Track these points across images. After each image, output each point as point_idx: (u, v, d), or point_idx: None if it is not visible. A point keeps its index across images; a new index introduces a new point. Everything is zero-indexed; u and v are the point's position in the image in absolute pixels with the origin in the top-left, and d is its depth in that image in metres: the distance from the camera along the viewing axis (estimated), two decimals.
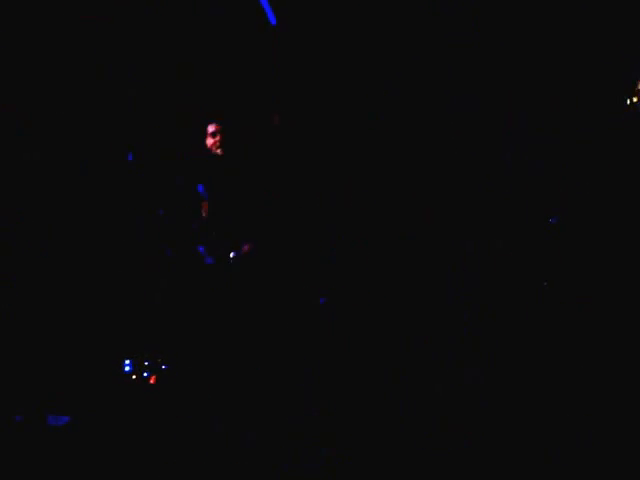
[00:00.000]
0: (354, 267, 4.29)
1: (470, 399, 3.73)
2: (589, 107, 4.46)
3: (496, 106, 4.57)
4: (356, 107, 4.55)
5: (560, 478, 3.35)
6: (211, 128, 4.29)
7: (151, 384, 3.93)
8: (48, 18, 4.08)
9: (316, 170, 4.46)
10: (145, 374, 3.93)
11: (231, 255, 4.08)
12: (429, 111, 4.53)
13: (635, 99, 4.25)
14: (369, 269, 4.27)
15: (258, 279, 4.11)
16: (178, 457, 3.79)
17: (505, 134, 4.49)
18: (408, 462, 3.39)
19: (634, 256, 4.03)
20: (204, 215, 4.19)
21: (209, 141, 4.28)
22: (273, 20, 4.50)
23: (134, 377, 3.91)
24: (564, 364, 3.88)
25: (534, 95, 4.59)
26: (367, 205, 4.43)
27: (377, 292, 4.21)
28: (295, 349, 4.00)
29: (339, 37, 4.57)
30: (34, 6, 4.00)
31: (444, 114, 4.53)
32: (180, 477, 3.73)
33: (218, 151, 4.24)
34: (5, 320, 3.76)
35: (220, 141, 4.27)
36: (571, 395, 3.71)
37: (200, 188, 4.14)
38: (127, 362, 3.91)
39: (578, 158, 4.44)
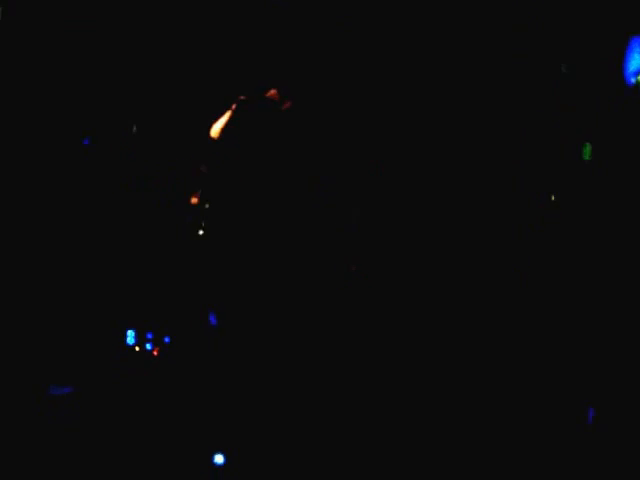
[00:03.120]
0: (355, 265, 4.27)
1: (470, 399, 3.69)
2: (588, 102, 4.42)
3: (496, 105, 4.54)
4: (366, 95, 4.52)
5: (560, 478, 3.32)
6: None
7: (154, 356, 3.93)
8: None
9: (318, 165, 4.44)
10: (148, 346, 3.94)
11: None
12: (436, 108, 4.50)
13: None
14: (369, 268, 4.26)
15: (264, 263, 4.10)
16: (180, 431, 3.80)
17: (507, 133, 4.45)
18: (408, 462, 3.37)
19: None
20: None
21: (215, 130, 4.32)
22: None
23: (137, 349, 3.92)
24: (563, 363, 3.83)
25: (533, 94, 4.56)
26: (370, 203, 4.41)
27: (377, 290, 4.19)
28: (297, 340, 3.98)
29: (350, 20, 4.53)
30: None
31: (445, 112, 4.49)
32: (182, 451, 3.74)
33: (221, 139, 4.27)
34: (7, 289, 3.78)
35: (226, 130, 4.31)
36: (571, 394, 3.66)
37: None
38: (130, 334, 3.92)
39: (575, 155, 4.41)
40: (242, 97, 4.34)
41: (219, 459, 3.62)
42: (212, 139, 4.37)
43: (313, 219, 4.18)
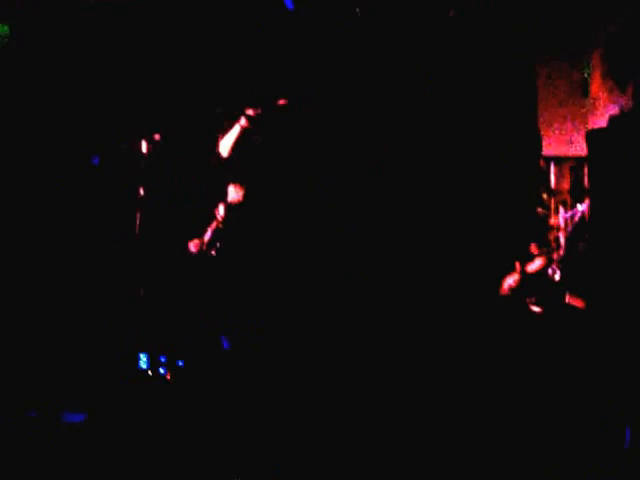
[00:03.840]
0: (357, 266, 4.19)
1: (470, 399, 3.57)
2: None
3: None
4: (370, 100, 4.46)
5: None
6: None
7: (167, 380, 3.90)
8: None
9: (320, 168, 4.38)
10: (161, 370, 3.90)
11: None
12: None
13: None
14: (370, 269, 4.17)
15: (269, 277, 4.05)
16: (192, 453, 3.75)
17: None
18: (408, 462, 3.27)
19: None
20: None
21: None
22: (290, 5, 4.40)
23: (150, 373, 3.89)
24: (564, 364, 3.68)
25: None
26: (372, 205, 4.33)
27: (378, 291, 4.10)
28: (300, 348, 3.91)
29: (358, 27, 4.47)
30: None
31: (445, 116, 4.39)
32: (194, 473, 3.69)
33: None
34: (21, 316, 3.82)
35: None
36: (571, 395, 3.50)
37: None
38: (143, 358, 3.90)
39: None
40: (250, 112, 4.30)
41: None
42: (222, 155, 4.33)
43: (314, 220, 4.13)
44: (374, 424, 3.64)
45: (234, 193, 4.22)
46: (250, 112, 4.31)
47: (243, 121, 4.31)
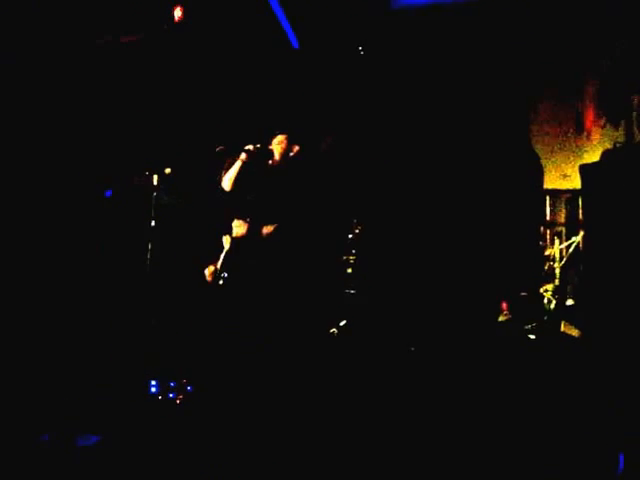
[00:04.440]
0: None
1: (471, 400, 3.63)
2: None
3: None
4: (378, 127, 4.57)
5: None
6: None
7: (177, 405, 3.99)
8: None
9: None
10: (171, 395, 4.00)
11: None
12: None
13: None
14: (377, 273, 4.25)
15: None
16: (202, 476, 3.81)
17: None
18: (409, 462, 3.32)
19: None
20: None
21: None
22: (295, 43, 4.57)
23: (160, 398, 3.99)
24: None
25: None
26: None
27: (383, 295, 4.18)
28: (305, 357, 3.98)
29: (358, 61, 4.62)
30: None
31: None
32: None
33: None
34: (37, 341, 3.93)
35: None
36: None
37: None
38: (153, 384, 4.00)
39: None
40: (249, 147, 4.43)
41: None
42: (224, 189, 4.46)
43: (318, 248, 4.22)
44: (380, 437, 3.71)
45: (238, 227, 4.34)
46: (250, 147, 4.45)
47: (243, 156, 4.44)
